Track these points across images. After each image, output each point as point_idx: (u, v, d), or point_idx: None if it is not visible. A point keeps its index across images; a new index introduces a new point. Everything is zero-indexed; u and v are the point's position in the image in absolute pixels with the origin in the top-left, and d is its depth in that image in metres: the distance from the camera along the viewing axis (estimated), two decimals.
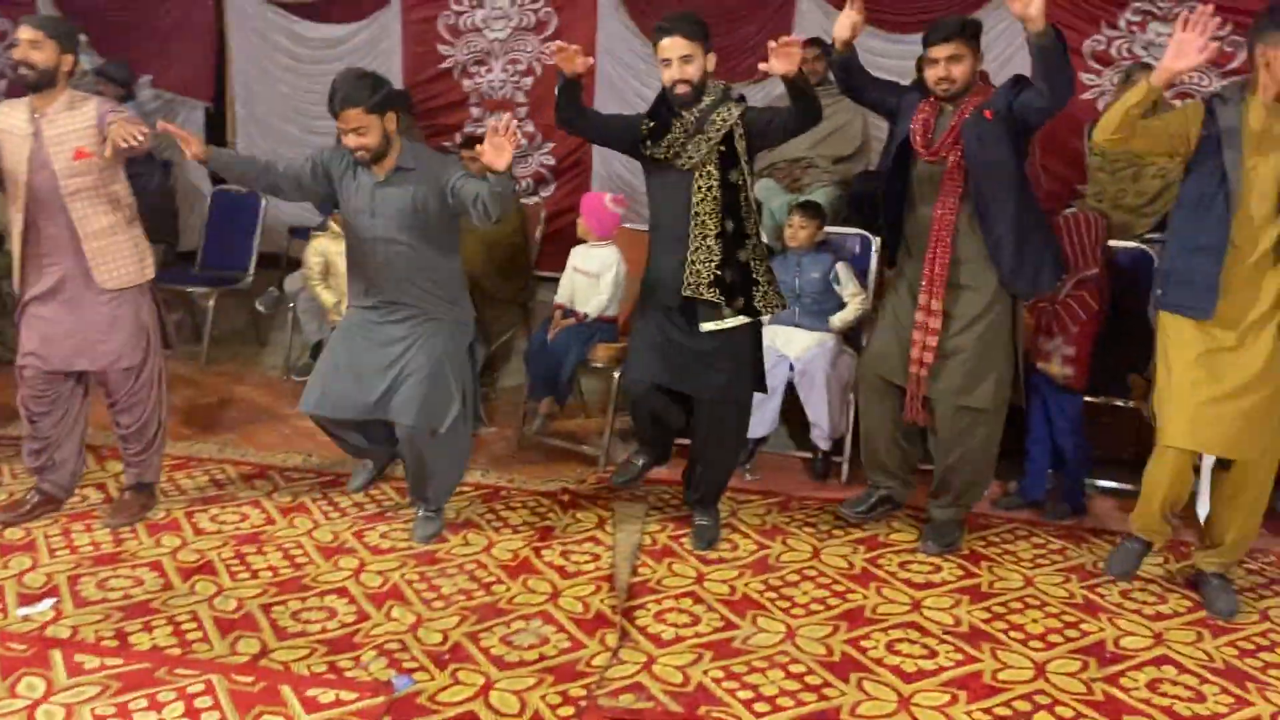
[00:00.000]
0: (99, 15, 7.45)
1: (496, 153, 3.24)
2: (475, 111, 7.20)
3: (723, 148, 3.46)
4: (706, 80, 3.47)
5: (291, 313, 5.47)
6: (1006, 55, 5.77)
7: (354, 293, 3.71)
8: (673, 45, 3.41)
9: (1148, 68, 5.40)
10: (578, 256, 4.60)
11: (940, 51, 3.47)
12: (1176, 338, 3.30)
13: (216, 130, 7.67)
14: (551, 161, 7.15)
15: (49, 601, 3.28)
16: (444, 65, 7.16)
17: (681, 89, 3.43)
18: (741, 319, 3.53)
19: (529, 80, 7.11)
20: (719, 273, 3.48)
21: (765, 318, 3.66)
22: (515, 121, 3.29)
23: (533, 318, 5.48)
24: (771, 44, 3.23)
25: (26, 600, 3.29)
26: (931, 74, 3.52)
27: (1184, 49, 3.02)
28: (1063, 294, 3.92)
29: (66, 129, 3.54)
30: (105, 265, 3.61)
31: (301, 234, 7.08)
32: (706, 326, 3.53)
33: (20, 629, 3.12)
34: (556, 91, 3.48)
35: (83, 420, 3.87)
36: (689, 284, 3.50)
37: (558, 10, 6.95)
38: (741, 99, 3.54)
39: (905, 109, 3.63)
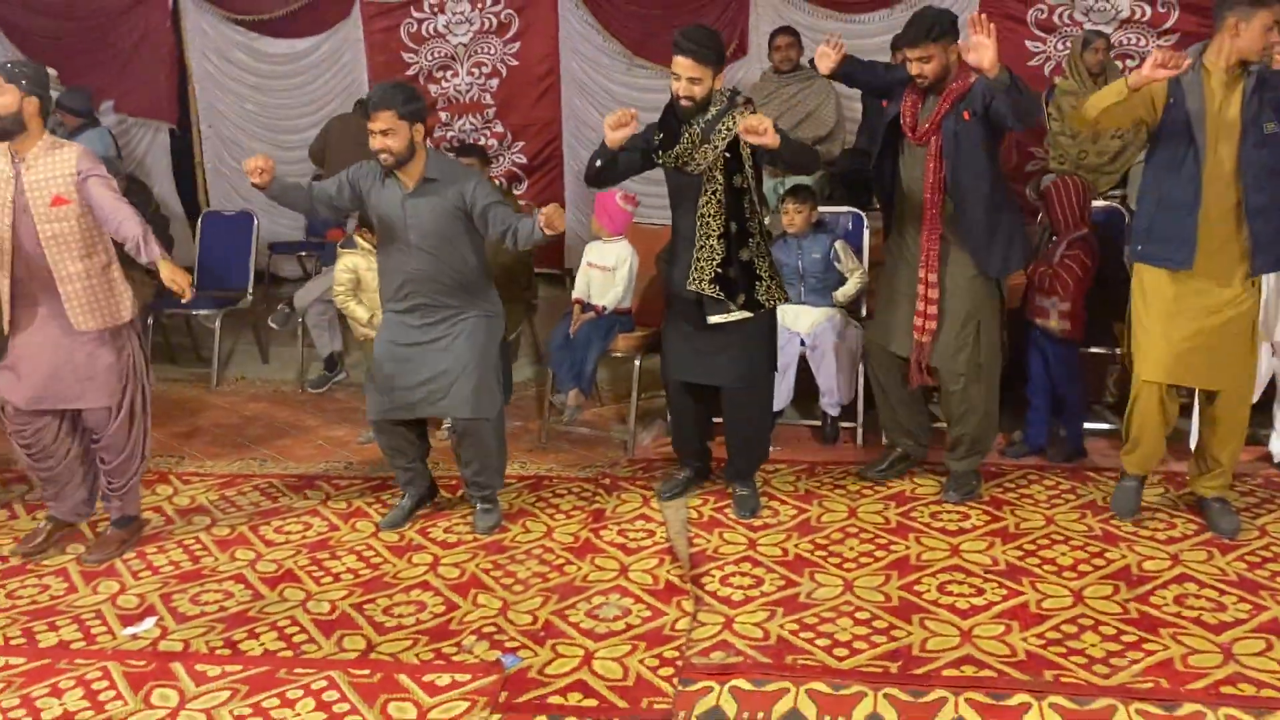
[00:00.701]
0: (54, 43, 7.42)
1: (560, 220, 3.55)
2: (444, 116, 7.36)
3: (728, 154, 3.71)
4: (713, 93, 3.70)
5: (302, 327, 5.60)
6: None
7: (387, 295, 3.90)
8: (684, 65, 3.62)
9: (1100, 34, 5.79)
10: (593, 252, 4.82)
11: (910, 54, 3.76)
12: (1153, 283, 3.63)
13: (183, 152, 7.72)
14: (523, 160, 7.34)
15: (151, 620, 3.44)
16: (409, 72, 7.28)
17: (686, 103, 3.67)
18: (746, 313, 3.80)
19: (495, 82, 7.28)
20: (721, 270, 3.74)
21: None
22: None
23: (535, 314, 5.69)
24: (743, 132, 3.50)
25: (128, 620, 3.44)
26: (908, 68, 3.80)
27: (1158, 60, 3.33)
28: (1057, 257, 4.24)
29: (44, 175, 3.53)
30: (81, 308, 3.61)
31: (281, 249, 7.22)
32: (713, 319, 3.80)
33: (133, 647, 3.28)
34: (599, 165, 3.70)
35: (81, 453, 3.86)
36: (693, 279, 3.76)
37: (518, 11, 7.12)
38: (749, 101, 3.79)
39: (897, 88, 3.91)
